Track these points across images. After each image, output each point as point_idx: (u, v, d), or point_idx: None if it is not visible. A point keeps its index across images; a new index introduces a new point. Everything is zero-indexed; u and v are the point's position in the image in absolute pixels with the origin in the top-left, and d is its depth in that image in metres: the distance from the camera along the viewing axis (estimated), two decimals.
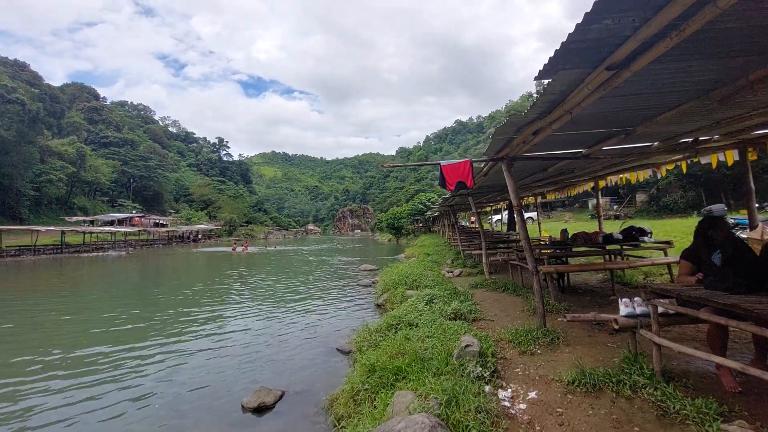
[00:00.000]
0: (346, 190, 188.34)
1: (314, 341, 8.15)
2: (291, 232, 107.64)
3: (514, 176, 6.04)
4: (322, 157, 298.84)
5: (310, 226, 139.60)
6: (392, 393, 4.01)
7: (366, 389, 4.43)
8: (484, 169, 7.37)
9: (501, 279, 10.07)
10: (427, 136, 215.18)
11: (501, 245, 14.76)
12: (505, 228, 25.40)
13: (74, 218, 54.09)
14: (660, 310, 3.74)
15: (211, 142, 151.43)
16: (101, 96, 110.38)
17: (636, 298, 4.15)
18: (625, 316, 3.99)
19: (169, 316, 11.08)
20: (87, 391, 6.06)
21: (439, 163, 6.36)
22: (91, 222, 53.78)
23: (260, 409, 5.08)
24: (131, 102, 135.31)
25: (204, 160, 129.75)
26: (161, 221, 67.25)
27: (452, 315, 6.76)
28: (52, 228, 39.25)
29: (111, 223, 55.78)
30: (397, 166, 12.96)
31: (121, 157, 77.32)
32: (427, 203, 47.70)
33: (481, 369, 4.11)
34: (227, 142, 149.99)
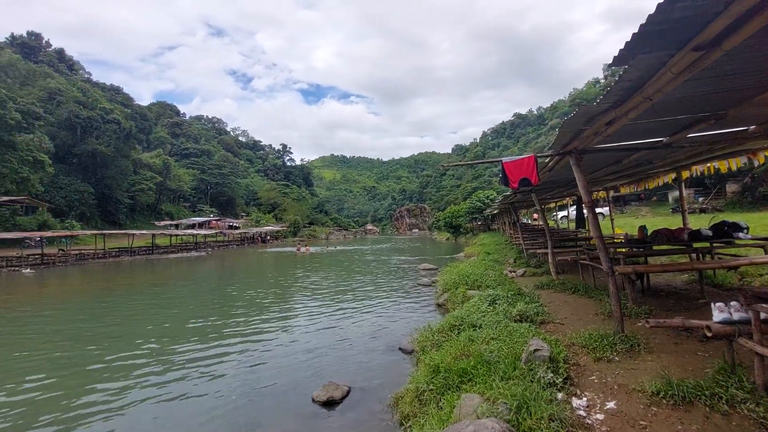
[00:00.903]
0: (402, 189, 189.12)
1: (377, 340, 8.32)
2: (350, 232, 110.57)
3: (584, 170, 5.67)
4: (378, 158, 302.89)
5: (369, 226, 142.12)
6: (458, 395, 3.98)
7: (431, 390, 4.45)
8: (550, 164, 7.00)
9: (570, 280, 9.50)
10: (484, 132, 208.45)
11: (568, 244, 13.92)
12: (572, 225, 23.87)
13: (162, 222, 60.63)
14: (762, 316, 3.30)
15: (276, 148, 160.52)
16: (181, 112, 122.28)
17: (732, 303, 3.70)
18: (720, 323, 3.57)
19: (243, 311, 11.97)
20: (173, 377, 6.74)
21: (501, 161, 6.18)
22: (176, 226, 59.89)
23: (329, 403, 5.31)
24: (206, 116, 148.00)
25: (270, 165, 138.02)
26: (234, 224, 72.76)
27: (518, 317, 6.52)
28: (144, 232, 44.30)
29: (192, 226, 61.55)
30: (457, 165, 12.76)
31: (199, 166, 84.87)
32: (486, 201, 46.24)
33: (552, 375, 3.93)
34: (290, 148, 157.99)
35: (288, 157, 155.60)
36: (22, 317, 12.05)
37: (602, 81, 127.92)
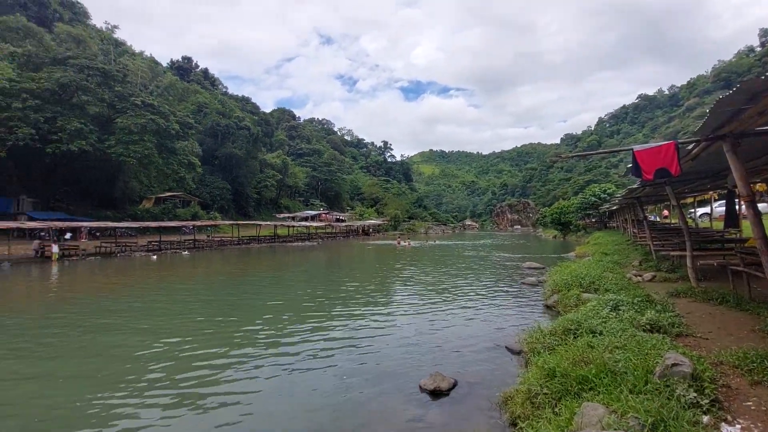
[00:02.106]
0: (504, 184, 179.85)
1: (481, 336, 8.24)
2: (449, 227, 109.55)
3: (742, 158, 4.81)
4: (478, 152, 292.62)
5: (468, 222, 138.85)
6: (578, 403, 3.82)
7: (545, 393, 4.33)
8: (694, 151, 6.06)
9: (715, 288, 8.12)
10: (600, 118, 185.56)
11: (713, 245, 11.79)
12: (717, 224, 20.02)
13: (281, 215, 68.37)
14: None
15: (378, 145, 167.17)
16: (297, 116, 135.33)
17: None
18: None
19: (349, 298, 12.86)
20: (291, 352, 7.51)
21: (632, 149, 5.60)
22: (293, 218, 66.95)
23: (436, 393, 5.44)
24: (317, 118, 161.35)
25: (372, 162, 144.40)
26: (341, 217, 78.23)
27: (647, 326, 5.87)
28: (268, 223, 50.60)
29: (306, 218, 68.07)
30: (573, 156, 11.76)
31: (311, 165, 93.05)
32: (602, 195, 41.31)
33: (695, 394, 3.50)
34: (390, 144, 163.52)
35: (389, 154, 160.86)
36: (183, 289, 14.95)
37: (758, 49, 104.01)
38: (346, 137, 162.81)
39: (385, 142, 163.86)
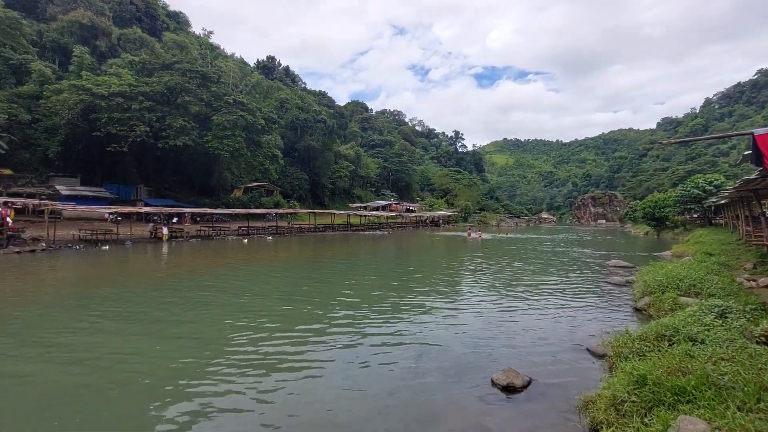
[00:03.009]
0: (587, 174, 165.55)
1: (559, 336, 7.92)
2: (523, 220, 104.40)
3: None
4: (558, 140, 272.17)
5: (544, 215, 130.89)
6: (673, 415, 3.61)
7: (633, 401, 4.14)
8: None
9: None
10: (708, 99, 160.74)
11: None
12: None
13: (354, 204, 70.94)
14: None
15: (449, 135, 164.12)
16: (369, 108, 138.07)
17: None
18: None
19: (418, 287, 12.99)
20: (361, 340, 7.73)
21: (751, 133, 4.98)
22: (364, 207, 69.11)
23: (509, 389, 5.33)
24: (389, 109, 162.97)
25: (443, 153, 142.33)
26: (411, 207, 78.80)
27: (762, 338, 5.22)
28: (342, 212, 52.91)
29: (377, 208, 69.80)
30: (683, 142, 10.64)
31: (383, 156, 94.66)
32: (707, 187, 36.11)
33: None
34: (462, 134, 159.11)
35: (460, 144, 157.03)
36: (269, 270, 16.44)
37: None
38: (416, 128, 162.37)
39: (457, 132, 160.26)
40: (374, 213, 62.43)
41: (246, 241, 31.55)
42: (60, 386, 5.53)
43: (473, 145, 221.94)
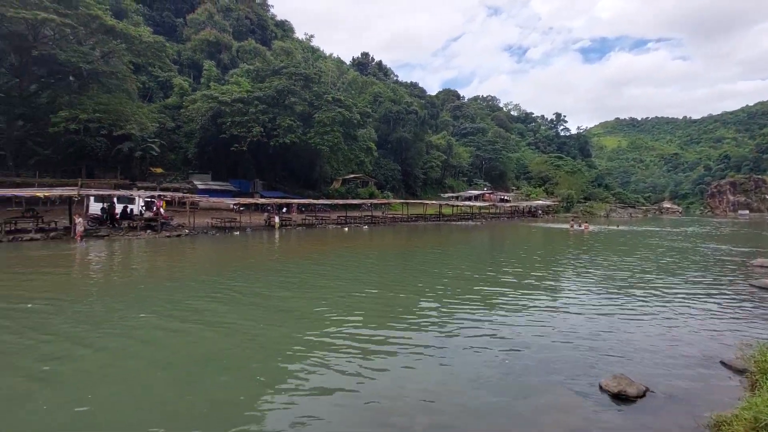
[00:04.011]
0: (724, 155, 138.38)
1: (684, 344, 7.04)
2: (639, 210, 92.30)
3: None
4: (685, 117, 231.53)
5: (666, 204, 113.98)
6: None
7: None
8: None
9: None
10: None
11: None
12: None
13: (446, 194, 70.66)
14: None
15: (548, 118, 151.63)
16: (461, 95, 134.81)
17: None
18: None
19: (511, 281, 12.57)
20: (451, 332, 7.95)
21: None
22: (456, 197, 68.38)
23: (620, 397, 4.91)
24: (482, 95, 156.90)
25: (541, 138, 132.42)
26: (505, 197, 75.55)
27: None
28: (433, 202, 53.25)
29: (469, 198, 68.52)
30: None
31: (475, 144, 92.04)
32: None
33: None
34: (564, 116, 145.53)
35: (562, 127, 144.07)
36: (366, 257, 17.68)
37: None
38: (512, 112, 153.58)
39: (558, 115, 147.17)
40: (466, 203, 61.40)
41: (347, 229, 33.98)
42: (208, 342, 7.03)
43: (577, 128, 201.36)
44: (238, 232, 28.26)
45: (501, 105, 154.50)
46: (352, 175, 55.86)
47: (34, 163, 32.97)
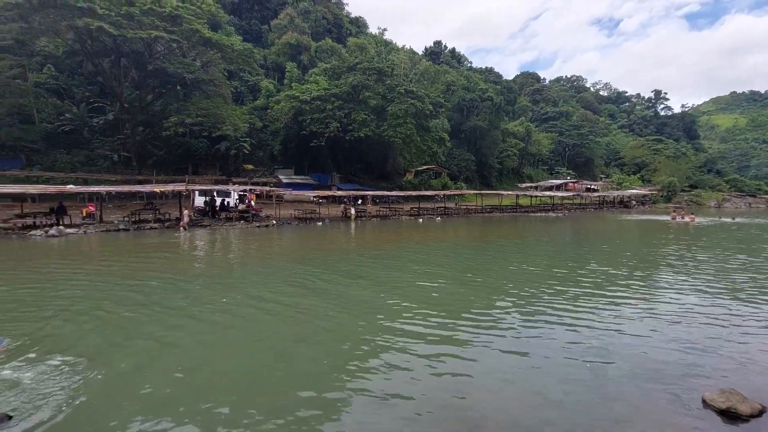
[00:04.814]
0: None
1: None
2: (761, 199, 78.29)
3: None
4: None
5: None
6: None
7: None
8: None
9: None
10: None
11: None
12: None
13: (524, 185, 67.17)
14: None
15: (645, 97, 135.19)
16: (541, 78, 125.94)
17: None
18: None
19: (598, 278, 11.68)
20: (530, 331, 7.76)
21: None
22: (535, 187, 64.66)
23: (729, 415, 4.45)
24: (565, 76, 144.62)
25: (636, 119, 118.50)
26: (592, 186, 69.50)
27: None
28: (510, 192, 51.07)
29: (550, 188, 64.36)
30: None
31: (557, 129, 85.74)
32: None
33: None
34: (665, 93, 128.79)
35: (662, 106, 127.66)
36: (439, 248, 17.73)
37: None
38: (601, 92, 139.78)
39: (657, 92, 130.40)
40: (547, 193, 57.72)
41: (420, 220, 34.31)
42: (295, 320, 7.77)
43: (682, 106, 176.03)
44: (320, 223, 30.14)
45: (588, 85, 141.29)
46: (424, 167, 55.79)
47: (152, 163, 38.48)
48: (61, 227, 21.51)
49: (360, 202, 42.97)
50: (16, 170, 32.25)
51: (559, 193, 58.34)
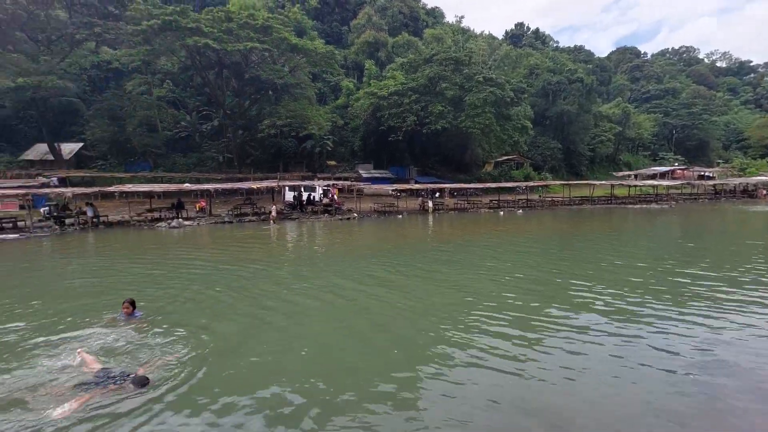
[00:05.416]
0: None
1: None
2: None
3: None
4: None
5: None
6: None
7: None
8: None
9: None
10: None
11: None
12: None
13: (620, 173, 60.69)
14: None
15: None
16: (642, 53, 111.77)
17: None
18: None
19: (712, 279, 10.24)
20: (629, 333, 7.25)
21: None
22: (634, 176, 58.01)
23: None
24: (671, 48, 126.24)
25: (765, 92, 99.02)
26: (707, 173, 60.12)
27: None
28: (603, 182, 46.55)
29: (653, 176, 57.23)
30: None
31: (662, 109, 75.60)
32: None
33: None
34: None
35: None
36: (521, 243, 17.07)
37: None
38: (718, 64, 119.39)
39: None
40: (648, 182, 51.41)
41: (502, 213, 33.23)
42: (377, 306, 8.26)
43: None
44: (400, 216, 30.88)
45: (701, 56, 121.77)
46: (504, 157, 53.47)
47: (250, 162, 42.82)
48: (180, 220, 25.25)
49: (437, 195, 42.88)
50: (146, 172, 38.38)
51: (665, 182, 51.51)
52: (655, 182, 50.83)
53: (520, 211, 35.42)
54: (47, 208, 25.85)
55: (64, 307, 8.37)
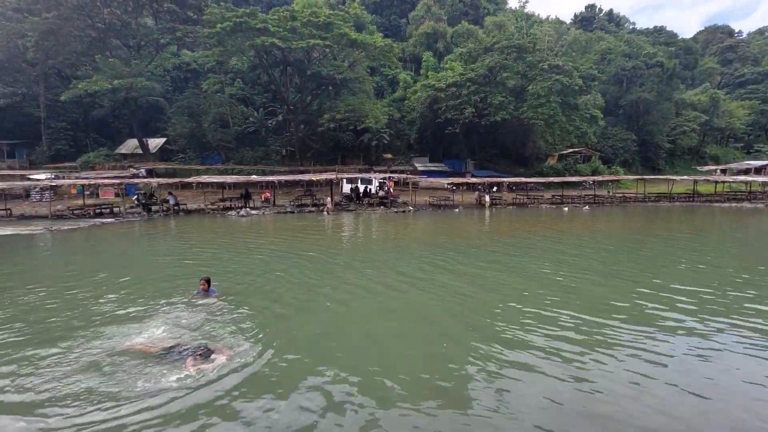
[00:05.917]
0: None
1: None
2: None
3: None
4: None
5: None
6: None
7: None
8: None
9: None
10: None
11: None
12: None
13: (705, 168, 54.43)
14: None
15: None
16: (736, 31, 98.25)
17: None
18: None
19: None
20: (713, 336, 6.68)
21: None
22: (723, 171, 51.66)
23: None
24: None
25: None
26: None
27: None
28: (685, 177, 42.18)
29: (746, 171, 50.65)
30: None
31: (759, 96, 66.30)
32: None
33: None
34: None
35: None
36: (586, 243, 16.09)
37: None
38: None
39: None
40: (740, 178, 45.54)
41: (566, 209, 31.55)
42: (426, 299, 8.33)
43: None
44: (456, 210, 30.55)
45: None
46: (570, 150, 50.35)
47: (310, 155, 44.60)
48: (247, 209, 27.15)
49: (495, 189, 41.64)
50: (219, 165, 41.57)
51: (760, 178, 45.29)
52: (749, 178, 44.87)
53: (587, 207, 33.31)
54: (137, 196, 29.15)
55: (152, 279, 9.69)
